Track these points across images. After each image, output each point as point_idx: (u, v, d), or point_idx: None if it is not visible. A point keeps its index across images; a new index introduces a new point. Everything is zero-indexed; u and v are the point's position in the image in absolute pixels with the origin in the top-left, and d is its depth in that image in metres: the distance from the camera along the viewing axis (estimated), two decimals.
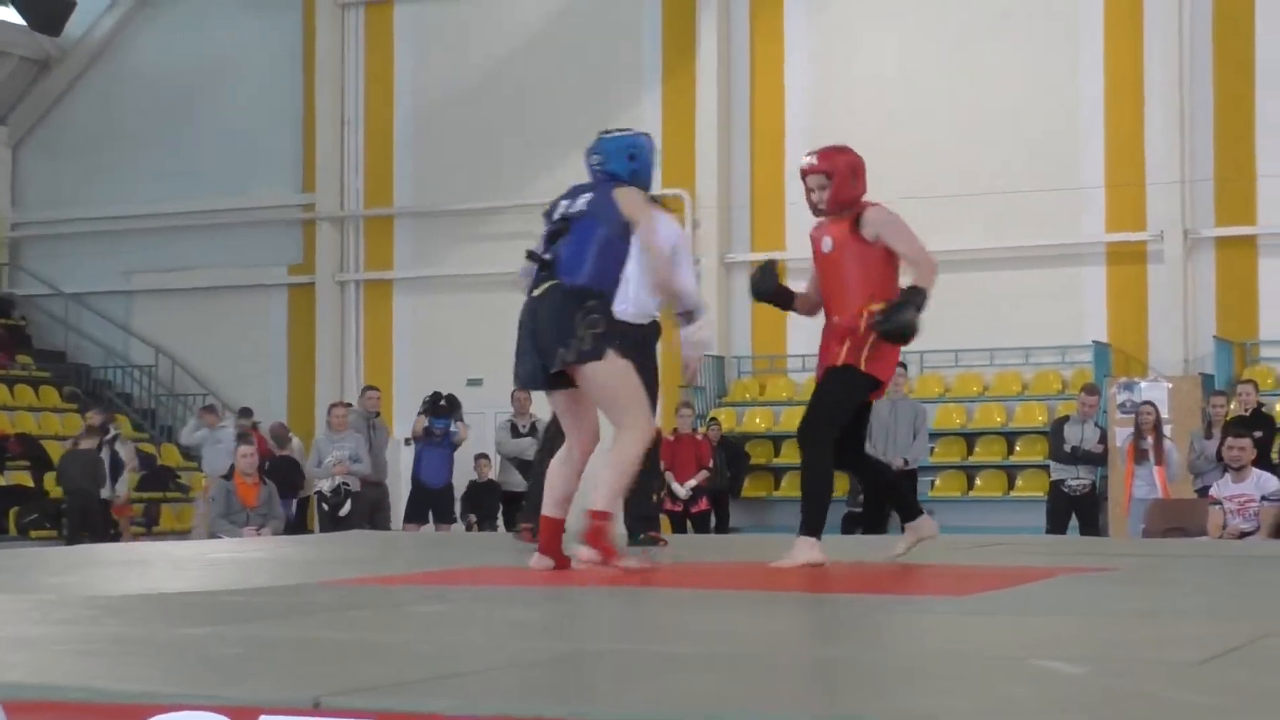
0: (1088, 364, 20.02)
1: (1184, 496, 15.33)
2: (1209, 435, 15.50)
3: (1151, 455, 15.51)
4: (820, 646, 4.43)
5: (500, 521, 18.99)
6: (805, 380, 21.74)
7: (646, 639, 4.58)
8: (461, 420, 18.59)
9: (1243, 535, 12.27)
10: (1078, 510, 15.92)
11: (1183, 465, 15.85)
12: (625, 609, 5.63)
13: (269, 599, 5.85)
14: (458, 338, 23.04)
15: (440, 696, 3.13)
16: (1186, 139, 19.80)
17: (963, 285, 19.34)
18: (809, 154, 7.59)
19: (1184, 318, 19.90)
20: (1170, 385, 18.70)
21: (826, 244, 7.46)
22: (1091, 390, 16.61)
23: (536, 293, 7.19)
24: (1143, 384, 18.71)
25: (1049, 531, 15.71)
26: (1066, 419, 16.37)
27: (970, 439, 20.72)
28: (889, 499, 8.85)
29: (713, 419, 20.48)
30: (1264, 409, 16.45)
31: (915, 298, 7.21)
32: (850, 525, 17.81)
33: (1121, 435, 16.61)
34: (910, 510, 7.86)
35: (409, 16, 24.11)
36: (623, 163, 7.49)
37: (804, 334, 21.68)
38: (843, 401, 7.39)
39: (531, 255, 7.30)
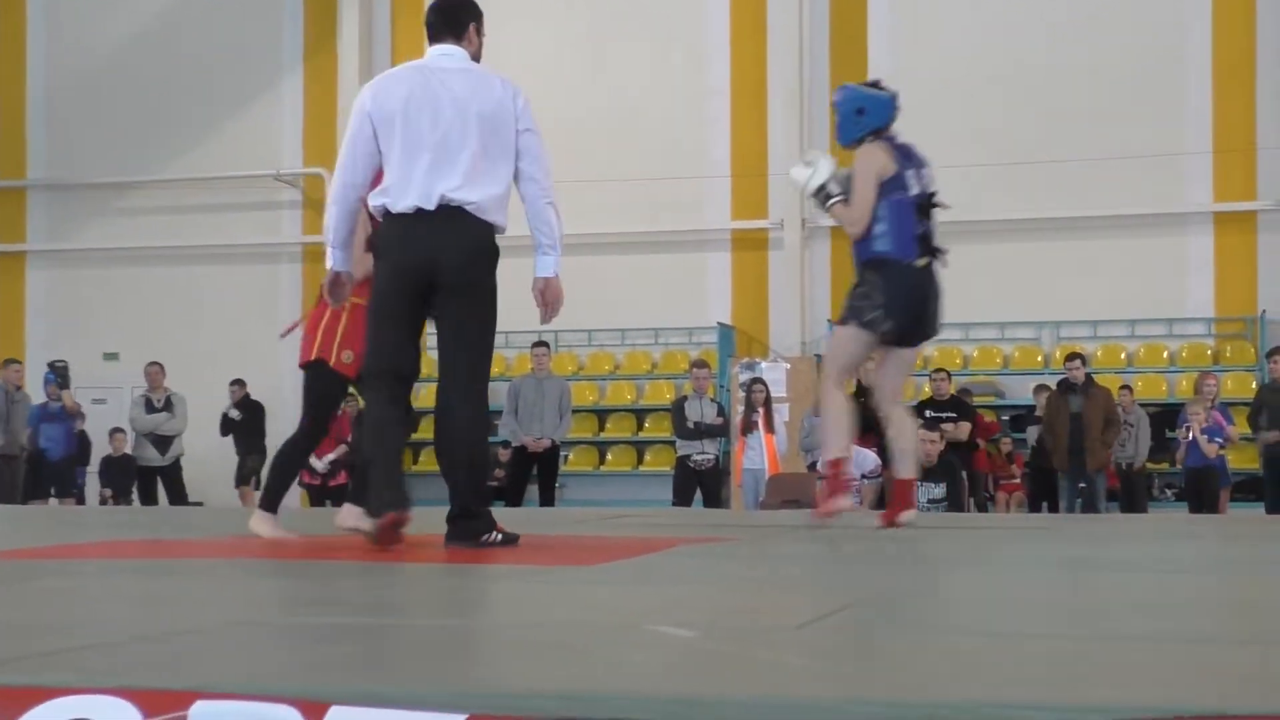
0: (713, 345, 20.65)
1: (797, 471, 16.25)
2: (818, 413, 16.33)
3: (761, 426, 16.36)
4: (438, 617, 4.39)
5: (135, 495, 18.94)
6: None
7: (272, 611, 4.54)
8: (67, 389, 18.44)
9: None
10: (702, 483, 16.31)
11: (794, 441, 16.73)
12: (258, 580, 5.55)
13: None
14: (94, 312, 22.73)
15: (58, 670, 3.02)
16: (805, 133, 20.62)
17: (597, 267, 20.01)
18: None
19: (801, 302, 20.67)
20: (789, 366, 19.47)
21: None
22: (701, 364, 17.02)
23: (922, 264, 8.04)
24: (763, 364, 19.33)
25: (675, 504, 16.11)
26: (686, 397, 16.76)
27: (602, 415, 21.36)
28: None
29: (351, 395, 20.62)
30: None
31: None
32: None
33: (741, 413, 17.44)
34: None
35: None
36: None
37: None
38: None
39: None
